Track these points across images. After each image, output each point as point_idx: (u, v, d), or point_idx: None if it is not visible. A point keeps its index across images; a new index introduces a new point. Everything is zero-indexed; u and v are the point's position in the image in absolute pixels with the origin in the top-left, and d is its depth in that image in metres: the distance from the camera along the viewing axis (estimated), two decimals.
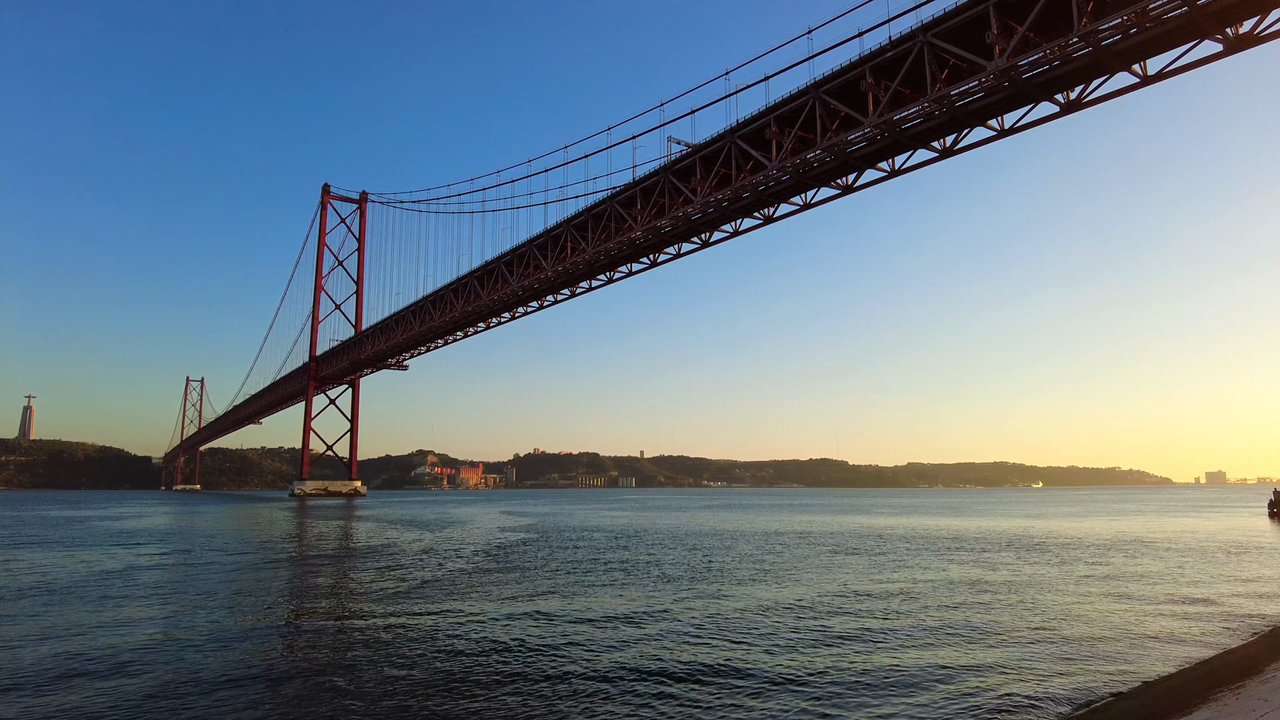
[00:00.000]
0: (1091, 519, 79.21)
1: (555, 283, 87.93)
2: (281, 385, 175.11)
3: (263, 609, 23.13)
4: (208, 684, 14.42)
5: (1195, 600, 24.35)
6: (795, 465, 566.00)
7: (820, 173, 56.29)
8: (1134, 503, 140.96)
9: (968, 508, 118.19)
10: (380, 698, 13.61)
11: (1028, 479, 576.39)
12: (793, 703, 13.26)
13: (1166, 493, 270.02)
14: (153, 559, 38.21)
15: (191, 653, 17.01)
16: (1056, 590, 26.51)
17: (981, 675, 14.93)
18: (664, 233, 69.90)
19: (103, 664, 15.90)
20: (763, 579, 29.47)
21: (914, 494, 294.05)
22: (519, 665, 15.86)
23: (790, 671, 15.24)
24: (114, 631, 19.37)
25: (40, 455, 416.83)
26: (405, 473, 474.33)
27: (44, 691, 13.89)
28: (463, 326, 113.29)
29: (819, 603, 23.73)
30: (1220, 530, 58.75)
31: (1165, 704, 12.56)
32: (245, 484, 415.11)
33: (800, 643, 17.84)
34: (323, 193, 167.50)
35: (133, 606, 23.37)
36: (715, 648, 17.35)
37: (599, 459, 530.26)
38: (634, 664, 15.91)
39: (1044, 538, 51.58)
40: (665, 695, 13.72)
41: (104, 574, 31.57)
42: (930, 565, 34.42)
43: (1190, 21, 36.99)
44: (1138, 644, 17.85)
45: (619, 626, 19.97)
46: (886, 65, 47.95)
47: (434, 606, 23.23)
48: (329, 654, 17.06)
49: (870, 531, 58.72)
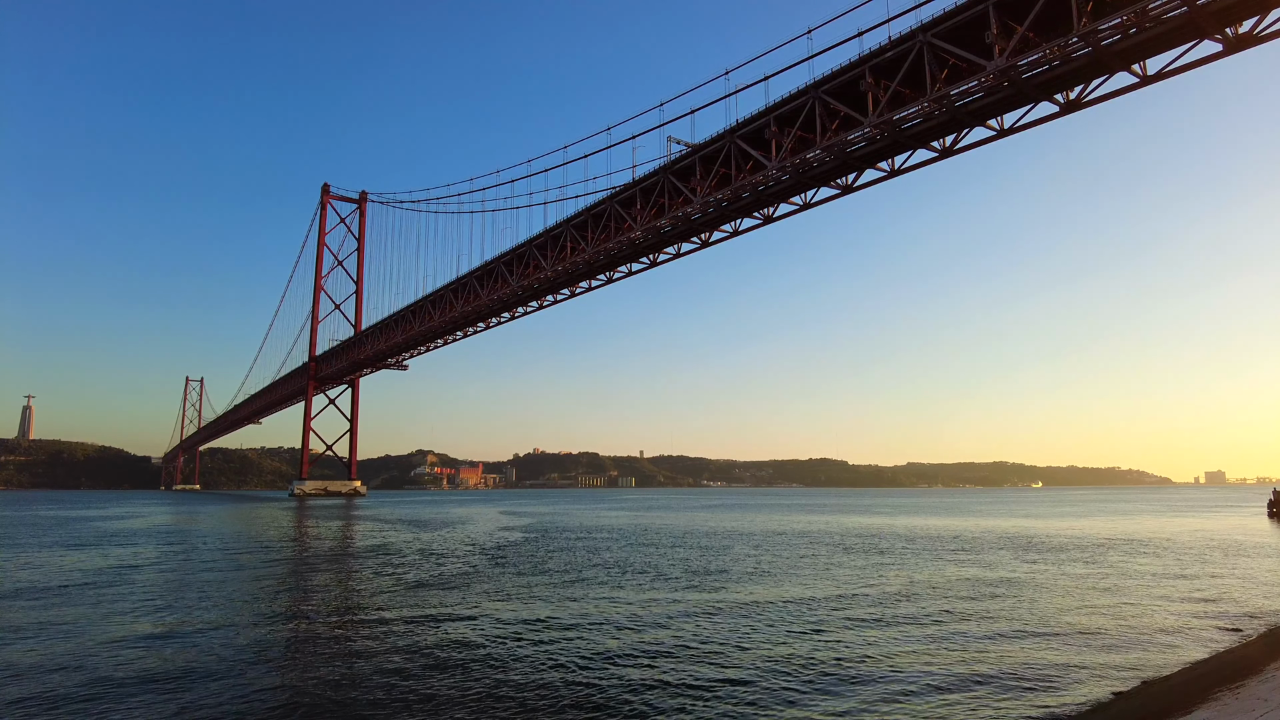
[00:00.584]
0: (1091, 519, 79.21)
1: (555, 282, 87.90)
2: (281, 385, 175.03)
3: (261, 609, 23.11)
4: (205, 684, 14.40)
5: (1195, 600, 24.34)
6: (795, 465, 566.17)
7: (820, 172, 56.26)
8: (1133, 503, 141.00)
9: (967, 508, 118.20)
10: (377, 696, 13.59)
11: (1027, 479, 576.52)
12: (791, 702, 13.24)
13: (1166, 493, 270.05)
14: (151, 559, 38.18)
15: (189, 653, 16.99)
16: (1055, 590, 26.50)
17: (981, 675, 14.92)
18: (664, 232, 69.87)
19: (100, 664, 15.88)
20: (761, 579, 29.46)
21: (913, 494, 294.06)
22: (514, 665, 15.84)
23: (788, 671, 15.23)
24: (111, 632, 19.34)
25: (39, 455, 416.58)
26: (405, 473, 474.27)
27: (42, 692, 13.86)
28: (462, 326, 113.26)
29: (817, 602, 23.71)
30: (1220, 530, 58.75)
31: (1165, 704, 12.55)
32: (245, 484, 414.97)
33: (799, 643, 17.82)
34: (322, 192, 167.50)
35: (130, 607, 23.34)
36: (712, 647, 17.33)
37: (599, 459, 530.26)
38: (629, 664, 15.89)
39: (1043, 538, 51.57)
40: (661, 694, 13.70)
41: (101, 574, 31.55)
42: (929, 565, 34.42)
43: (1190, 21, 36.97)
44: (1137, 644, 17.84)
45: (615, 626, 19.94)
46: (886, 65, 47.92)
47: (431, 607, 23.22)
48: (326, 654, 17.04)
49: (869, 531, 58.71)
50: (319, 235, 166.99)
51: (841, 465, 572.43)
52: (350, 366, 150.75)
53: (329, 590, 27.50)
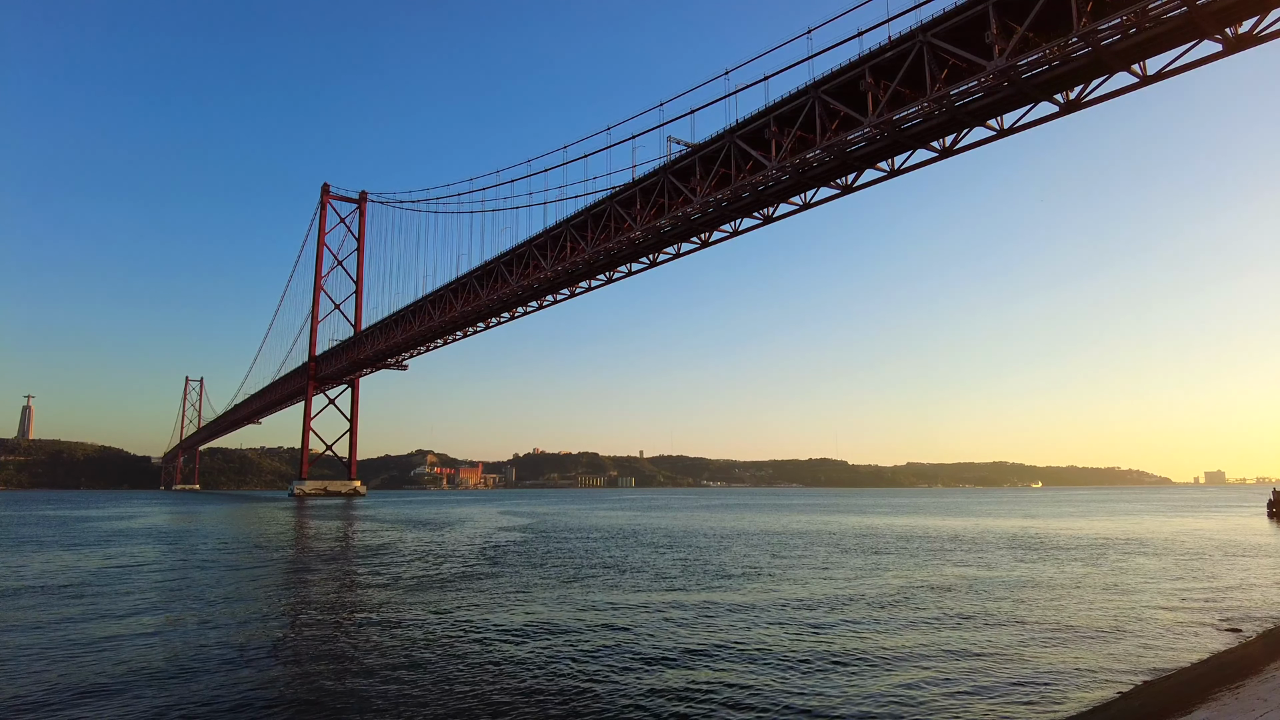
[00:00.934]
0: (1090, 519, 79.22)
1: (555, 282, 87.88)
2: (281, 385, 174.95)
3: (258, 608, 23.09)
4: (202, 683, 14.38)
5: (1194, 600, 24.33)
6: (795, 465, 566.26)
7: (820, 172, 56.24)
8: (1133, 503, 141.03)
9: (966, 508, 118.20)
10: (371, 695, 13.57)
11: (1027, 479, 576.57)
12: (788, 706, 13.23)
13: (1165, 493, 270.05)
14: (150, 559, 38.16)
15: (186, 652, 16.97)
16: (1055, 590, 26.49)
17: (980, 676, 14.90)
18: (663, 232, 69.85)
19: (96, 664, 15.86)
20: (759, 579, 29.44)
21: (913, 494, 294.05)
22: (508, 664, 15.82)
23: (786, 671, 15.21)
24: (109, 632, 19.32)
25: (39, 455, 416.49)
26: (405, 472, 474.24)
27: (38, 692, 13.84)
28: (462, 326, 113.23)
29: (816, 602, 23.69)
30: (1219, 530, 58.76)
31: (1165, 704, 12.54)
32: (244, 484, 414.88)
33: (796, 642, 17.80)
34: (322, 192, 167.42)
35: (128, 607, 23.32)
36: (708, 646, 17.31)
37: (598, 459, 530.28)
38: (625, 664, 15.88)
39: (1043, 537, 51.57)
40: (655, 694, 13.68)
41: (99, 574, 31.53)
42: (928, 565, 34.41)
43: (1189, 21, 36.96)
44: (1137, 644, 17.82)
45: (610, 628, 19.92)
46: (886, 65, 47.91)
47: (427, 607, 23.20)
48: (323, 654, 17.02)
49: (868, 531, 58.71)
50: (319, 235, 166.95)
51: (841, 465, 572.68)
52: (350, 366, 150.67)
53: (326, 590, 27.48)
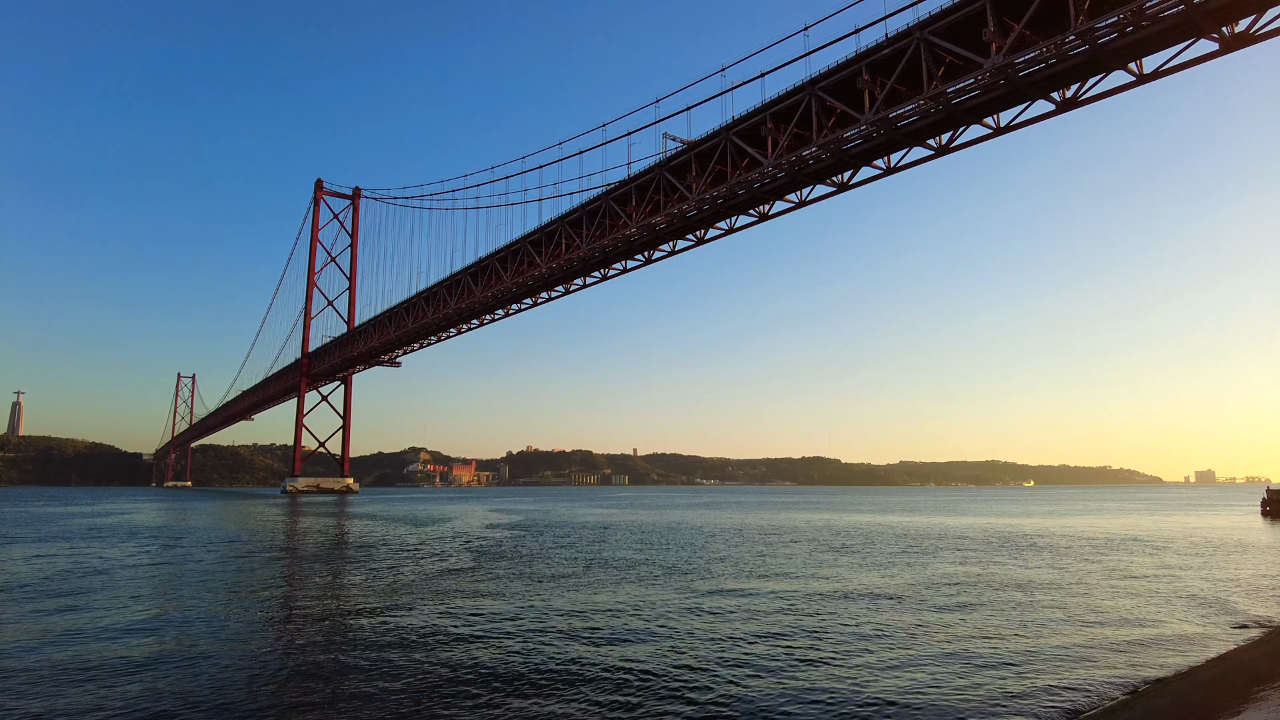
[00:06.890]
0: (1082, 517, 79.45)
1: (549, 279, 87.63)
2: (274, 382, 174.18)
3: (250, 607, 22.78)
4: (195, 682, 14.11)
5: (1193, 600, 24.25)
6: (788, 463, 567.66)
7: (816, 170, 56.14)
8: (1125, 501, 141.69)
9: (959, 506, 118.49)
10: (365, 693, 13.33)
11: (1019, 477, 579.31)
12: (784, 710, 13.04)
13: (1157, 491, 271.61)
14: (140, 556, 37.74)
15: (178, 651, 16.67)
16: (1050, 590, 26.39)
17: (977, 677, 14.74)
18: (659, 230, 69.67)
19: (88, 663, 15.55)
20: (751, 576, 29.26)
21: (905, 492, 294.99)
22: (500, 663, 15.59)
23: (783, 671, 15.02)
24: (100, 630, 19.00)
25: (29, 451, 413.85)
26: (398, 470, 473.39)
27: (30, 691, 13.55)
28: (456, 323, 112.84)
29: (810, 601, 23.51)
30: (1215, 529, 58.95)
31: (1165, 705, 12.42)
32: (237, 481, 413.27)
33: (792, 642, 17.61)
34: (316, 188, 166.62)
35: (119, 605, 22.97)
36: (704, 646, 17.11)
37: (592, 456, 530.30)
38: (618, 662, 15.66)
39: (1035, 536, 51.61)
40: (650, 694, 13.47)
41: (90, 571, 31.12)
42: (920, 563, 34.31)
43: (1187, 20, 36.97)
44: (1136, 645, 17.69)
45: (602, 623, 19.70)
46: (883, 62, 47.82)
47: (417, 603, 22.93)
48: (314, 652, 16.75)
49: (861, 529, 58.66)
50: (312, 231, 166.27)
51: (834, 463, 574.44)
52: (343, 363, 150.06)
53: (318, 588, 27.18)
